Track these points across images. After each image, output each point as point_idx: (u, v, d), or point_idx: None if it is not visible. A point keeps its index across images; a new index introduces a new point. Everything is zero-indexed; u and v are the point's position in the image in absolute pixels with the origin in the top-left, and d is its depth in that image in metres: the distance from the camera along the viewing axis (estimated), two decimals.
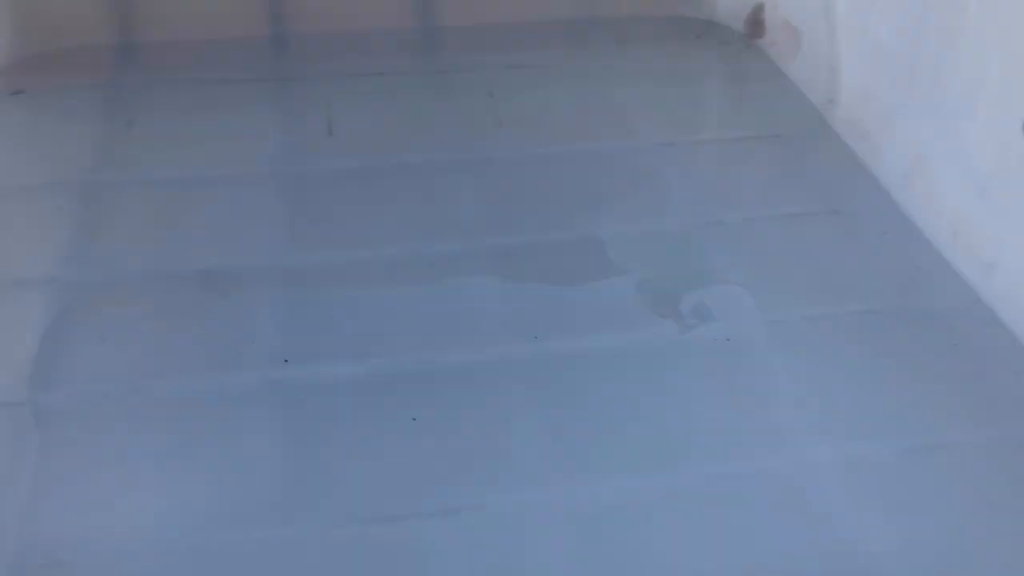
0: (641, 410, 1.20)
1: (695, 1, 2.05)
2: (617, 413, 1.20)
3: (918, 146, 1.49)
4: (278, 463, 1.12)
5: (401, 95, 1.81)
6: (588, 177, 1.61)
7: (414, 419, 1.17)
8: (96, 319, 1.30)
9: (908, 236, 1.48)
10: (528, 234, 1.48)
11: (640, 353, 1.28)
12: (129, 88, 1.81)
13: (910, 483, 1.13)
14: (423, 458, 1.14)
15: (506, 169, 1.62)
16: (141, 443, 1.14)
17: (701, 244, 1.47)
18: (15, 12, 1.85)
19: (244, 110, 1.75)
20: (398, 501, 1.09)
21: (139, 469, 1.11)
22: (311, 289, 1.37)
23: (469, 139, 1.69)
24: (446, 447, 1.15)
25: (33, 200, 1.51)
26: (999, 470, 1.14)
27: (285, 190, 1.56)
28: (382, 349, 1.27)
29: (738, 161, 1.66)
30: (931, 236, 1.46)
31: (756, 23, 1.98)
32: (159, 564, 1.02)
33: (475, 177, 1.60)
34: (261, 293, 1.35)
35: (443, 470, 1.12)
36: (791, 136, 1.72)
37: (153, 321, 1.30)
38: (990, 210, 1.35)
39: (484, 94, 1.81)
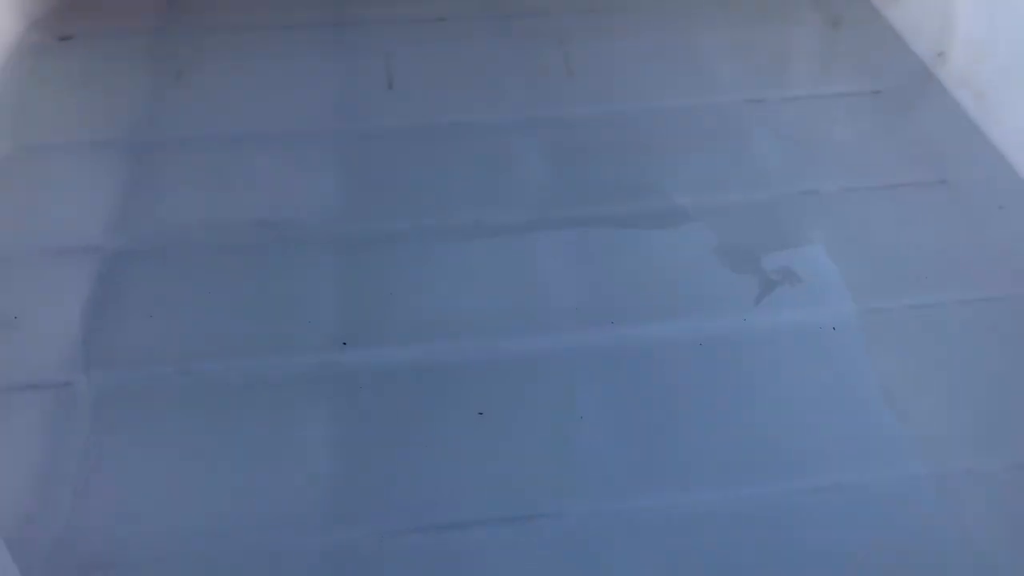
0: (727, 409, 1.09)
1: None
2: (701, 412, 1.09)
3: None
4: (333, 459, 1.05)
5: (465, 43, 1.68)
6: (666, 138, 1.48)
7: (480, 413, 1.09)
8: (144, 293, 1.22)
9: None
10: (601, 204, 1.36)
11: (725, 342, 1.16)
12: (180, 33, 1.70)
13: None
14: (489, 457, 1.05)
15: (577, 129, 1.49)
16: (190, 432, 1.07)
17: (793, 217, 1.34)
18: None
19: (299, 59, 1.64)
20: (462, 506, 1.01)
21: (187, 462, 1.05)
22: (369, 261, 1.27)
23: (537, 94, 1.56)
24: (515, 446, 1.06)
25: (78, 159, 1.43)
26: None
27: (343, 150, 1.45)
28: (445, 332, 1.18)
29: (834, 121, 1.51)
30: None
31: None
32: (204, 568, 0.96)
33: (544, 138, 1.47)
34: (318, 265, 1.26)
35: (511, 472, 1.04)
36: (894, 92, 1.55)
37: (204, 295, 1.22)
38: None
39: (554, 41, 1.67)
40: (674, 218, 1.33)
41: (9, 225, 1.31)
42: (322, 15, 1.74)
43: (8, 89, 1.55)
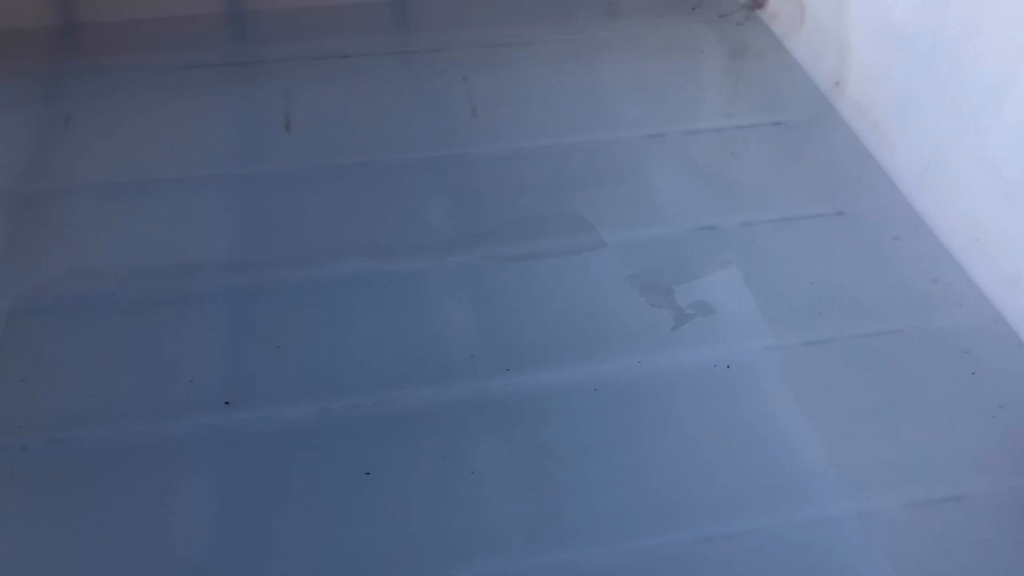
0: (624, 457, 1.07)
1: None
2: (597, 462, 1.07)
3: (936, 141, 1.34)
4: (214, 526, 1.00)
5: (367, 81, 1.65)
6: (570, 175, 1.46)
7: (368, 473, 1.05)
8: (18, 354, 1.16)
9: (923, 243, 1.33)
10: (502, 245, 1.33)
11: (621, 386, 1.14)
12: (70, 76, 1.65)
13: (923, 541, 1.01)
14: (376, 520, 1.01)
15: (480, 168, 1.47)
16: (63, 506, 1.02)
17: (692, 253, 1.33)
18: None
19: (193, 101, 1.59)
20: (345, 573, 0.97)
21: (59, 537, 0.99)
22: (261, 313, 1.23)
23: (441, 133, 1.54)
24: (403, 506, 1.02)
25: None
26: (1019, 526, 1.02)
27: (237, 196, 1.41)
28: (337, 387, 1.14)
29: (735, 154, 1.51)
30: (948, 243, 1.31)
31: None
32: None
33: (447, 178, 1.45)
34: (207, 319, 1.22)
35: (399, 534, 1.00)
36: (794, 123, 1.56)
37: (83, 355, 1.17)
38: (1016, 218, 1.21)
39: (458, 78, 1.65)
40: (575, 257, 1.32)
41: None
42: (218, 55, 1.70)
43: None
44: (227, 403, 1.11)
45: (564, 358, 1.18)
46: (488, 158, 1.50)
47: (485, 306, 1.25)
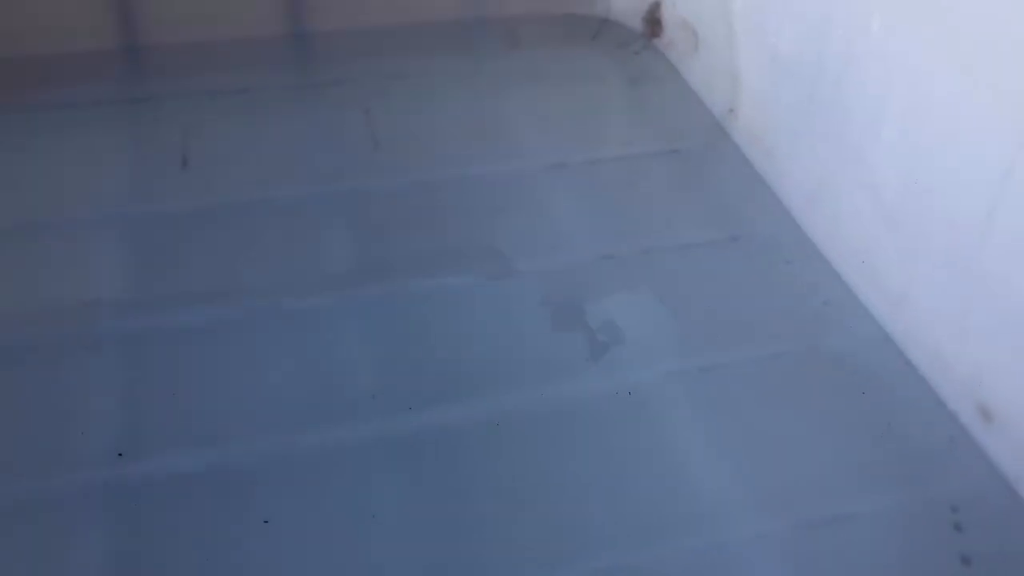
0: (530, 492, 1.07)
1: None
2: (497, 500, 1.07)
3: (823, 167, 1.39)
4: None
5: (267, 115, 1.64)
6: (471, 207, 1.47)
7: (266, 521, 1.03)
8: None
9: (813, 265, 1.37)
10: (404, 279, 1.33)
11: (520, 419, 1.15)
12: None
13: (817, 560, 1.03)
14: (274, 570, 0.99)
15: (382, 202, 1.47)
16: None
17: (591, 282, 1.34)
18: None
19: (87, 139, 1.56)
20: None
21: None
22: (154, 358, 1.20)
23: (342, 167, 1.53)
24: (301, 554, 1.01)
25: None
26: (908, 540, 1.05)
27: (131, 236, 1.38)
28: (235, 433, 1.12)
29: (634, 182, 1.54)
30: (838, 266, 1.36)
31: (654, 21, 1.85)
32: None
33: (348, 213, 1.44)
34: (97, 366, 1.18)
35: None
36: (690, 150, 1.60)
37: None
38: (898, 239, 1.25)
39: (360, 111, 1.65)
40: (478, 289, 1.32)
41: None
42: (113, 91, 1.66)
43: None
44: (120, 455, 1.08)
45: (465, 393, 1.18)
46: (390, 192, 1.50)
47: (387, 343, 1.24)
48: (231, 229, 1.41)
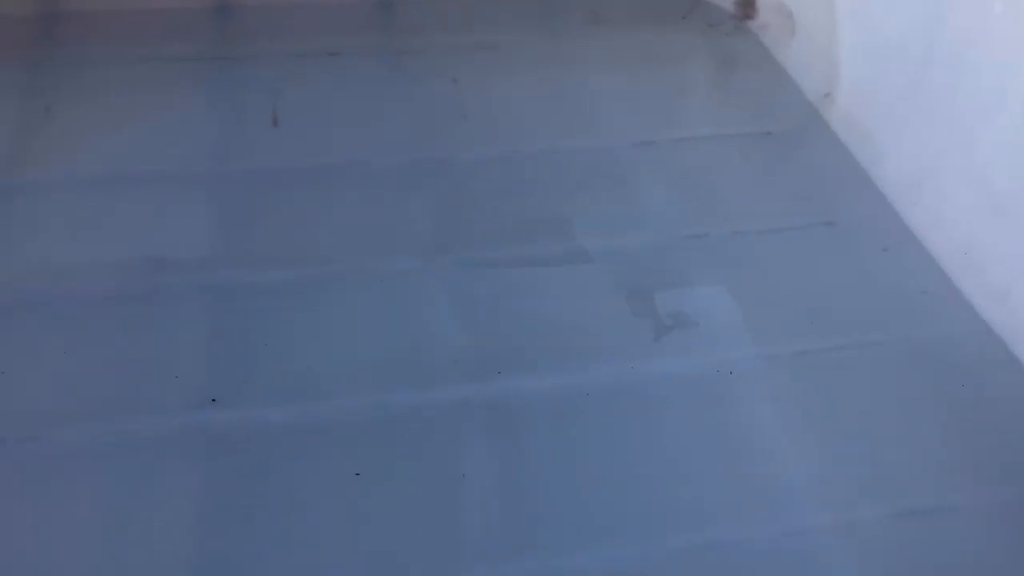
0: (615, 463, 1.06)
1: None
2: (588, 467, 1.05)
3: (926, 153, 1.35)
4: (200, 527, 0.97)
5: (356, 80, 1.63)
6: (556, 181, 1.45)
7: (358, 474, 1.03)
8: None
9: (912, 254, 1.34)
10: (488, 249, 1.32)
11: (612, 392, 1.13)
12: (51, 66, 1.61)
13: (910, 552, 1.00)
14: (366, 520, 0.99)
15: (468, 171, 1.46)
16: (39, 505, 0.98)
17: (682, 261, 1.32)
18: None
19: (178, 95, 1.56)
20: (337, 574, 0.95)
21: (36, 538, 0.96)
22: (244, 312, 1.21)
23: (431, 135, 1.52)
24: (393, 507, 1.01)
25: None
26: (1008, 537, 1.02)
27: (221, 192, 1.38)
28: (322, 387, 1.12)
29: (724, 163, 1.51)
30: (938, 256, 1.32)
31: (747, 3, 1.81)
32: None
33: (434, 181, 1.43)
34: (188, 316, 1.19)
35: (389, 536, 0.98)
36: (783, 134, 1.56)
37: (63, 350, 1.14)
38: (1005, 231, 1.21)
39: (448, 80, 1.64)
40: (562, 262, 1.30)
41: None
42: (205, 49, 1.67)
43: None
44: (213, 400, 1.08)
45: (551, 364, 1.16)
46: (476, 161, 1.48)
47: (469, 310, 1.23)
48: (319, 190, 1.41)
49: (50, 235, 1.29)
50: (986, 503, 1.05)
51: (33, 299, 1.20)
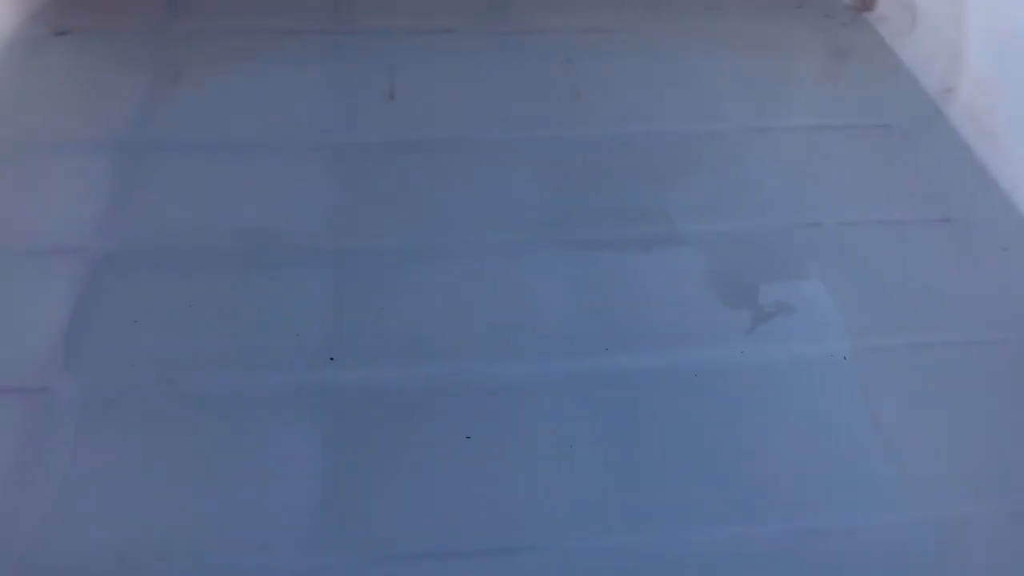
0: (720, 445, 1.07)
1: None
2: (693, 446, 1.06)
3: None
4: (314, 480, 1.01)
5: (470, 57, 1.66)
6: (668, 164, 1.45)
7: (468, 438, 1.06)
8: (129, 299, 1.19)
9: None
10: (598, 228, 1.33)
11: (720, 375, 1.14)
12: (179, 35, 1.68)
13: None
14: (475, 484, 1.02)
15: (580, 151, 1.47)
16: (169, 446, 1.04)
17: (793, 248, 1.31)
18: None
19: (299, 67, 1.61)
20: (444, 534, 0.98)
21: (163, 477, 1.01)
22: (360, 276, 1.24)
23: (540, 113, 1.54)
24: (502, 473, 1.03)
25: (68, 158, 1.40)
26: None
27: (339, 161, 1.43)
28: (434, 352, 1.15)
29: (837, 154, 1.49)
30: None
31: None
32: None
33: (544, 158, 1.45)
34: (307, 278, 1.24)
35: (498, 501, 1.01)
36: (900, 127, 1.53)
37: (190, 303, 1.19)
38: None
39: (561, 60, 1.65)
40: (672, 245, 1.31)
41: None
42: (325, 22, 1.72)
43: (2, 82, 1.52)
44: (331, 359, 1.12)
45: (662, 342, 1.17)
46: (588, 142, 1.49)
47: (577, 288, 1.25)
48: (432, 163, 1.44)
49: (178, 196, 1.35)
50: None
51: (162, 255, 1.26)
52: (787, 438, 1.08)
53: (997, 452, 1.07)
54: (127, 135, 1.44)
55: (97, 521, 0.97)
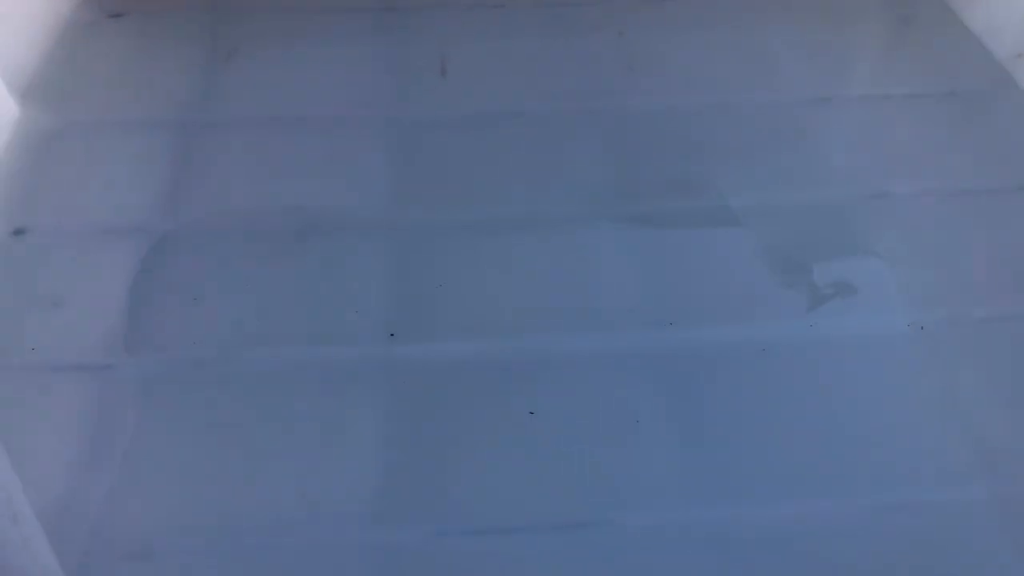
0: (791, 420, 1.04)
1: None
2: (763, 421, 1.04)
3: None
4: (379, 455, 1.01)
5: (522, 31, 1.64)
6: (728, 135, 1.42)
7: (532, 413, 1.04)
8: (190, 275, 1.19)
9: None
10: (657, 200, 1.30)
11: (789, 349, 1.11)
12: (231, 13, 1.67)
13: None
14: (541, 459, 1.01)
15: (635, 123, 1.44)
16: (233, 422, 1.04)
17: (862, 219, 1.27)
18: None
19: (351, 43, 1.60)
20: (511, 509, 0.97)
21: (229, 452, 1.01)
22: (418, 252, 1.23)
23: (595, 85, 1.51)
24: (567, 448, 1.01)
25: (126, 138, 1.40)
26: None
27: (393, 137, 1.41)
28: (495, 327, 1.13)
29: (905, 122, 1.44)
30: None
31: None
32: (244, 564, 0.93)
33: (600, 131, 1.42)
34: (367, 253, 1.23)
35: (564, 476, 0.99)
36: (970, 94, 1.48)
37: (250, 280, 1.19)
38: None
39: (614, 33, 1.62)
40: (736, 217, 1.28)
41: (55, 203, 1.29)
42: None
43: (58, 65, 1.53)
44: (392, 335, 1.11)
45: (729, 316, 1.15)
46: (643, 113, 1.46)
47: (643, 260, 1.23)
48: (487, 138, 1.42)
49: (235, 174, 1.35)
50: None
51: (221, 233, 1.25)
52: (860, 413, 1.05)
53: None
54: (183, 114, 1.44)
55: (164, 496, 0.98)
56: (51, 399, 1.05)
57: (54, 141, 1.37)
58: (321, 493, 0.98)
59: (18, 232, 1.23)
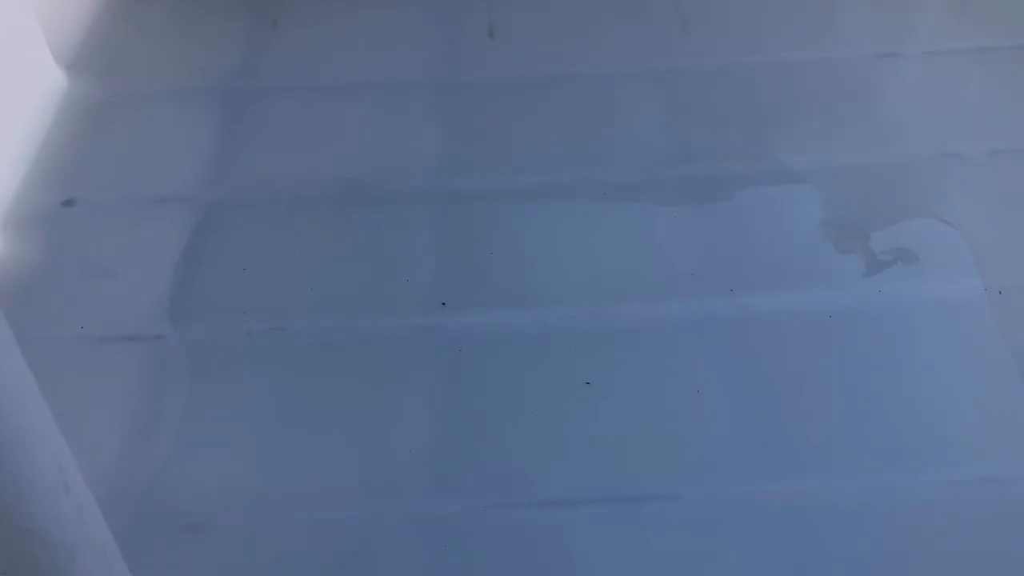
0: (858, 389, 1.00)
1: None
2: (830, 391, 1.00)
3: None
4: (431, 425, 0.99)
5: None
6: (790, 94, 1.36)
7: (588, 383, 1.01)
8: (239, 245, 1.18)
9: None
10: (717, 163, 1.26)
11: (858, 315, 1.06)
12: None
13: None
14: (597, 431, 0.98)
15: (692, 83, 1.39)
16: (283, 391, 1.02)
17: (933, 180, 1.22)
18: None
19: (396, 8, 1.57)
20: (567, 481, 0.94)
21: (279, 421, 1.00)
22: (469, 219, 1.20)
23: (648, 45, 1.46)
24: (624, 420, 0.98)
25: (173, 108, 1.39)
26: None
27: (442, 102, 1.38)
28: (550, 296, 1.10)
29: (975, 78, 1.37)
30: None
31: None
32: (294, 533, 0.91)
33: (657, 91, 1.38)
34: (416, 221, 1.20)
35: (621, 448, 0.96)
36: None
37: (298, 249, 1.17)
38: None
39: None
40: (799, 179, 1.23)
41: (105, 173, 1.28)
42: None
43: (105, 36, 1.52)
44: (443, 304, 1.09)
45: (793, 282, 1.10)
46: (700, 73, 1.41)
47: (702, 224, 1.18)
48: (538, 101, 1.38)
49: (282, 142, 1.33)
50: None
51: (269, 202, 1.24)
52: (934, 382, 1.00)
53: None
54: (230, 83, 1.42)
55: (216, 467, 0.97)
56: (102, 369, 1.04)
57: (101, 112, 1.36)
58: (375, 464, 0.96)
59: (67, 203, 1.23)
